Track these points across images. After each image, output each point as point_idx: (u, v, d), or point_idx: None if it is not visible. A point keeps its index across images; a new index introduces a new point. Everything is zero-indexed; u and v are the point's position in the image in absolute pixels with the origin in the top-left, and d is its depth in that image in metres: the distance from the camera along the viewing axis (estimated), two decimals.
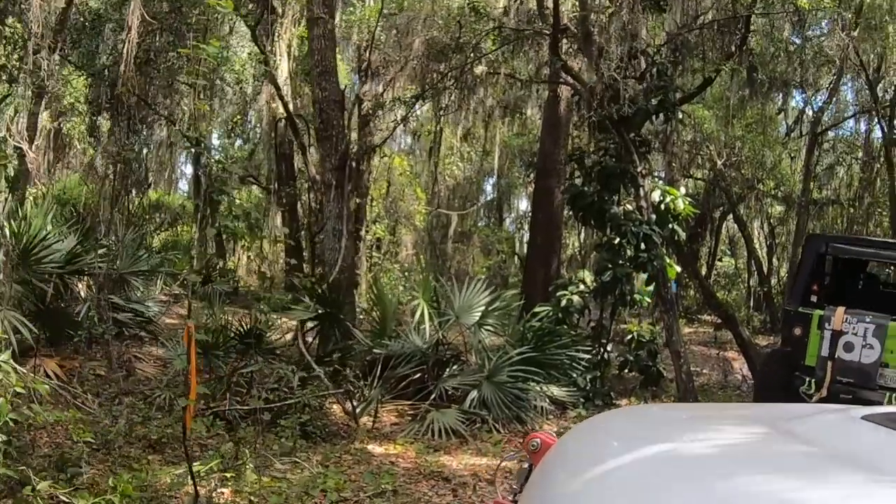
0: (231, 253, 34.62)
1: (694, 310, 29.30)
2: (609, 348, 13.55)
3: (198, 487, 6.82)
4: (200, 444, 9.05)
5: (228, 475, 7.66)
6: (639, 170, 12.98)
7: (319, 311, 11.54)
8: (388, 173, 30.95)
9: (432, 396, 11.06)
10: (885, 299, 12.11)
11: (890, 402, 9.73)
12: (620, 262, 12.65)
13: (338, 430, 10.39)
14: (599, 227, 13.45)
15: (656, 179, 15.67)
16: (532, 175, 21.41)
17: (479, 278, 13.11)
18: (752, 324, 27.65)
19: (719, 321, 24.61)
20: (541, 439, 3.11)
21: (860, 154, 32.69)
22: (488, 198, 41.40)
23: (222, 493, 7.35)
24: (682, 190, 13.92)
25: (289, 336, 13.12)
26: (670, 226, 13.41)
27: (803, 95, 31.42)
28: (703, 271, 30.54)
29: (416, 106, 21.86)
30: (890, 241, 13.29)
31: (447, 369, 11.73)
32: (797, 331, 10.88)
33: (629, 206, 13.25)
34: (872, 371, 10.13)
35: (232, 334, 11.48)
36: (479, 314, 11.97)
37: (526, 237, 30.72)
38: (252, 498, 7.35)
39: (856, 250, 11.96)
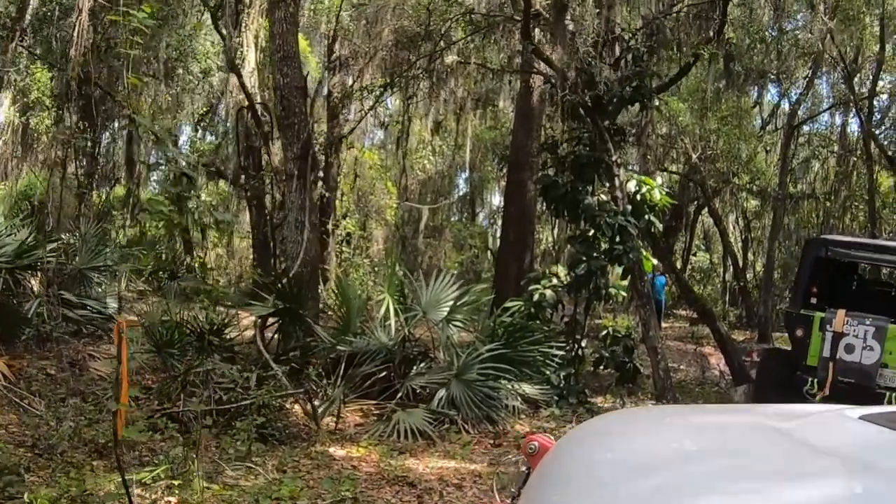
0: (200, 249, 34.02)
1: (669, 304, 28.93)
2: (583, 344, 13.08)
3: (132, 500, 6.24)
4: (150, 449, 8.47)
5: (176, 483, 7.10)
6: (614, 159, 12.51)
7: (279, 307, 10.93)
8: (359, 167, 30.47)
9: (398, 396, 10.52)
10: (875, 298, 12.53)
11: (890, 402, 10.11)
12: (595, 254, 12.16)
13: (298, 432, 9.80)
14: (573, 219, 12.95)
15: (631, 171, 15.17)
16: (504, 168, 21.01)
17: (450, 272, 12.58)
18: (728, 319, 27.40)
19: (695, 316, 24.37)
20: (538, 442, 3.07)
21: (836, 148, 32.55)
22: (461, 192, 40.98)
23: (167, 502, 6.80)
24: (659, 180, 13.41)
25: (250, 333, 12.55)
26: (646, 217, 12.91)
27: (778, 89, 31.30)
28: (679, 266, 30.19)
29: (386, 96, 21.34)
30: (885, 244, 13.34)
31: (414, 367, 11.18)
32: (799, 332, 11.22)
33: (603, 197, 12.77)
34: (873, 372, 10.53)
35: (188, 331, 10.89)
36: (448, 309, 11.39)
37: (499, 232, 30.25)
38: None
39: (854, 254, 12.19)
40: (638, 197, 12.87)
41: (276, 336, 11.79)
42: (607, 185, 12.80)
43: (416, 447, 9.50)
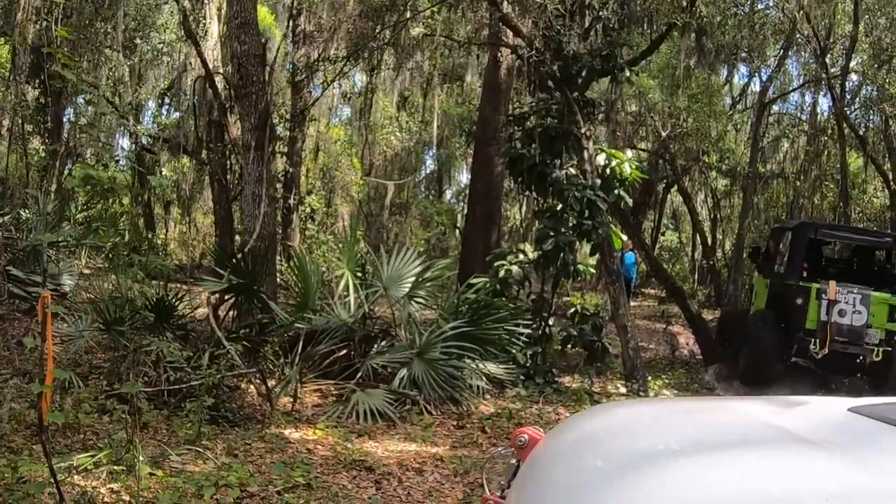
0: (164, 226, 33.49)
1: (638, 283, 28.65)
2: (551, 322, 12.71)
3: (60, 488, 5.79)
4: (95, 432, 8.03)
5: (118, 468, 6.66)
6: (583, 131, 12.11)
7: (233, 283, 10.43)
8: (324, 143, 30.02)
9: (358, 375, 10.12)
10: (839, 270, 14.96)
11: (878, 356, 12.69)
12: (563, 229, 11.75)
13: (253, 413, 9.34)
14: (540, 193, 12.53)
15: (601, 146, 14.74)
16: (472, 144, 20.63)
17: (416, 249, 12.14)
18: (697, 297, 27.13)
19: (664, 295, 24.10)
20: (528, 435, 3.07)
21: (805, 127, 32.44)
22: (429, 170, 40.57)
23: (110, 489, 6.36)
24: (629, 154, 13.02)
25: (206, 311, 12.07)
26: (616, 192, 12.53)
27: (749, 68, 31.09)
28: (648, 244, 29.91)
29: (350, 68, 20.82)
30: (857, 227, 17.17)
31: (375, 346, 10.77)
32: (799, 301, 13.12)
33: (572, 170, 12.37)
34: (862, 331, 12.81)
35: (139, 308, 10.41)
36: (410, 285, 10.96)
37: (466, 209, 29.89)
38: (143, 495, 6.34)
39: (839, 235, 15.39)
40: (607, 171, 12.49)
41: (232, 314, 11.32)
42: (576, 158, 12.40)
43: (376, 429, 9.11)
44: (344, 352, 10.64)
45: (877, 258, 15.66)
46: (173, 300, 10.59)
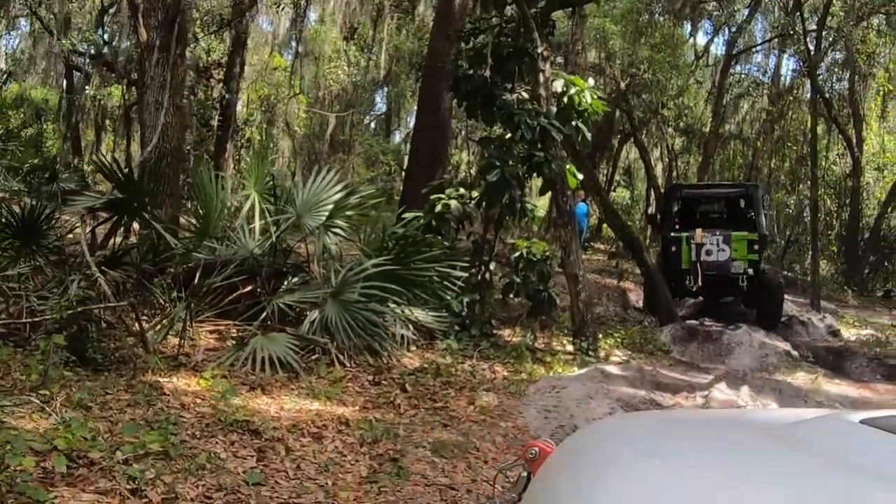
0: (94, 150, 31.59)
1: (588, 237, 27.35)
2: (492, 267, 11.20)
3: None
4: None
5: None
6: (539, 51, 10.55)
7: (113, 200, 8.68)
8: (267, 73, 28.34)
9: (262, 316, 8.54)
10: (718, 217, 17.59)
11: (743, 282, 15.47)
12: (511, 161, 10.22)
13: (131, 357, 7.74)
14: (487, 119, 10.91)
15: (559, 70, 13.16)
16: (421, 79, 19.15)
17: (334, 168, 10.47)
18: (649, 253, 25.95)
19: (615, 249, 22.81)
20: (539, 447, 2.98)
21: (767, 89, 31.79)
22: (379, 112, 38.93)
23: None
24: (591, 82, 11.47)
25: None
26: (574, 123, 10.94)
27: (713, 23, 30.04)
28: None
29: None
30: (713, 183, 23.05)
31: (285, 282, 9.20)
32: (674, 248, 15.75)
33: (524, 95, 10.82)
34: (727, 264, 15.50)
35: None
36: (328, 213, 9.32)
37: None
38: None
39: (701, 191, 19.23)
40: (565, 99, 10.92)
41: (120, 240, 9.65)
42: (530, 82, 10.87)
43: (274, 382, 7.57)
44: (249, 288, 9.05)
45: (738, 205, 17.73)
46: (42, 218, 8.87)
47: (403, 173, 30.06)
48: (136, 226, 9.68)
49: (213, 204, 9.18)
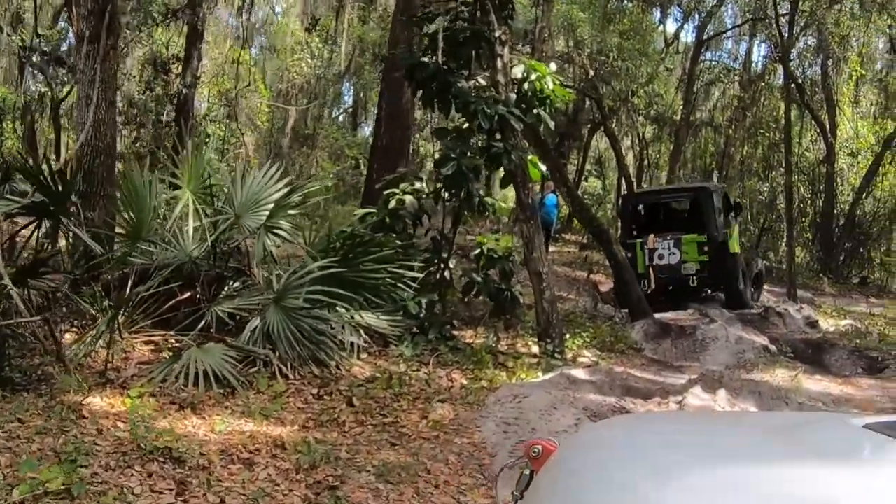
0: (54, 149, 30.74)
1: (558, 228, 26.80)
2: (452, 265, 10.54)
3: None
4: None
5: None
6: (497, 34, 9.91)
7: (33, 203, 7.93)
8: (229, 66, 27.61)
9: (200, 325, 7.88)
10: (671, 221, 17.74)
11: (693, 283, 16.18)
12: (468, 152, 9.58)
13: (56, 374, 7.04)
14: (443, 109, 10.22)
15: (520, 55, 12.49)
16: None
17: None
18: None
19: (585, 241, 22.28)
20: (542, 446, 2.96)
21: (738, 76, 32.00)
22: (347, 105, 38.23)
23: None
24: (553, 67, 10.81)
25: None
26: (536, 111, 10.27)
27: (682, 10, 29.61)
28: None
29: None
30: (664, 188, 22.66)
31: (226, 288, 8.53)
32: (629, 254, 15.82)
33: (482, 81, 10.17)
34: (678, 267, 16.08)
35: None
36: (268, 213, 8.61)
37: None
38: None
39: (652, 197, 19.12)
40: (526, 86, 10.27)
41: (45, 245, 8.91)
42: (489, 68, 10.23)
43: (207, 399, 6.90)
44: (188, 294, 8.36)
45: (689, 207, 18.05)
46: None
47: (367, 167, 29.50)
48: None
49: (145, 205, 8.50)
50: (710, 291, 17.02)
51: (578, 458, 2.77)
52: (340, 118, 39.82)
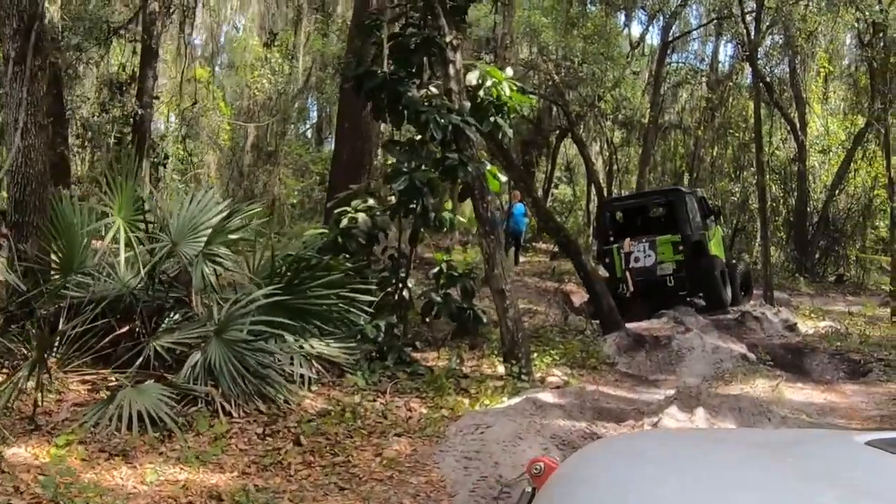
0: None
1: (528, 237, 26.37)
2: (411, 284, 10.00)
3: None
4: None
5: None
6: (448, 40, 9.41)
7: None
8: (188, 85, 27.00)
9: (138, 362, 7.30)
10: (649, 225, 18.11)
11: (670, 283, 16.45)
12: (422, 165, 9.06)
13: None
14: (394, 120, 9.71)
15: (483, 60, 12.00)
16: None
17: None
18: (593, 252, 25.07)
19: (556, 250, 21.89)
20: (544, 463, 2.98)
21: (706, 77, 31.90)
22: (314, 120, 37.71)
23: None
24: (509, 72, 10.32)
25: None
26: (492, 119, 9.77)
27: (647, 13, 29.34)
28: (539, 193, 27.80)
29: None
30: (640, 193, 23.56)
31: (166, 320, 7.96)
32: (607, 259, 16.80)
33: (434, 90, 9.65)
34: (654, 268, 16.51)
35: None
36: (206, 239, 8.04)
37: None
38: None
39: (627, 202, 19.84)
40: (481, 93, 9.77)
41: None
42: (441, 76, 9.74)
43: (142, 444, 6.31)
44: (127, 328, 7.80)
45: (665, 210, 18.35)
46: None
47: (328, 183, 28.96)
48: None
49: (75, 234, 7.93)
50: (688, 298, 17.00)
51: (580, 476, 2.77)
52: (308, 133, 39.28)
